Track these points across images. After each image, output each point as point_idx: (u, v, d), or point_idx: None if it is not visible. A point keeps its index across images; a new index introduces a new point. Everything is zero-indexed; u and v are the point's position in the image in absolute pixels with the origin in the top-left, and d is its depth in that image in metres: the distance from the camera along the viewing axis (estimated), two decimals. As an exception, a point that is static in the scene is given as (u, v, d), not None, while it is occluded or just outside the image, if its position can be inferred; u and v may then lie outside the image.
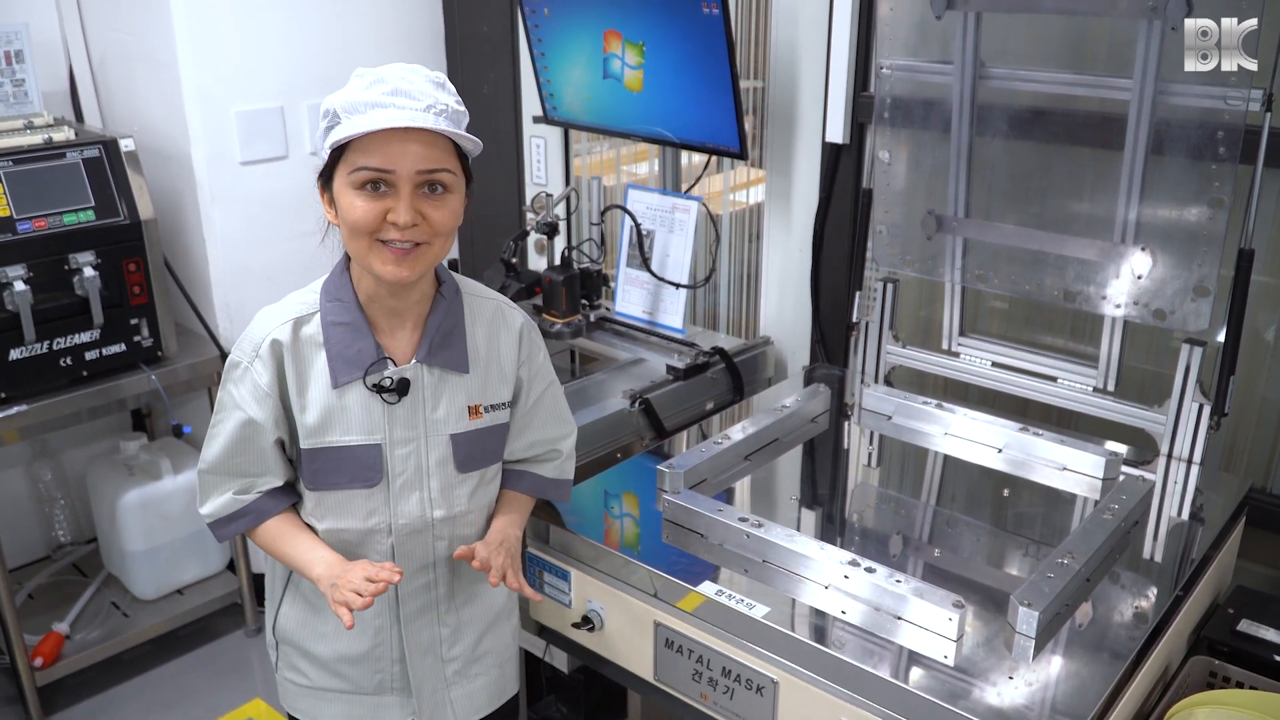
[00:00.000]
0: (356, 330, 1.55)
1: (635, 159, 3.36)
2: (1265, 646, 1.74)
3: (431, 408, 1.58)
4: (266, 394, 1.53)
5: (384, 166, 1.42)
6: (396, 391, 1.55)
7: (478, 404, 1.62)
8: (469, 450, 1.62)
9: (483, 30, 3.33)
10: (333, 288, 1.57)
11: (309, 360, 1.55)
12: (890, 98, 2.24)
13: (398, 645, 1.66)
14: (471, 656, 1.73)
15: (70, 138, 2.68)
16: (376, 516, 1.59)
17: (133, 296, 2.73)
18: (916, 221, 2.26)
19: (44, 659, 2.80)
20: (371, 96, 1.42)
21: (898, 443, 2.22)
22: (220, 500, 1.59)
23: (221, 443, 1.57)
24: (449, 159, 1.47)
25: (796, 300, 2.77)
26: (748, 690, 1.63)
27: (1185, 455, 2.02)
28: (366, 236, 1.45)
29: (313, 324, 1.55)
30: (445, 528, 1.63)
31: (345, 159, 1.44)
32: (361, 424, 1.55)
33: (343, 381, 1.54)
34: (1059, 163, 2.13)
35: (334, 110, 1.44)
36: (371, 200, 1.43)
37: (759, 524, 1.73)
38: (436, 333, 1.58)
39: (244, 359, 1.55)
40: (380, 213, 1.43)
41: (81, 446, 3.34)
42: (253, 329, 1.56)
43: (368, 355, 1.54)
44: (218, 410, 1.59)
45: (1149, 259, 1.97)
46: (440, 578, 1.66)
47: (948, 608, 1.51)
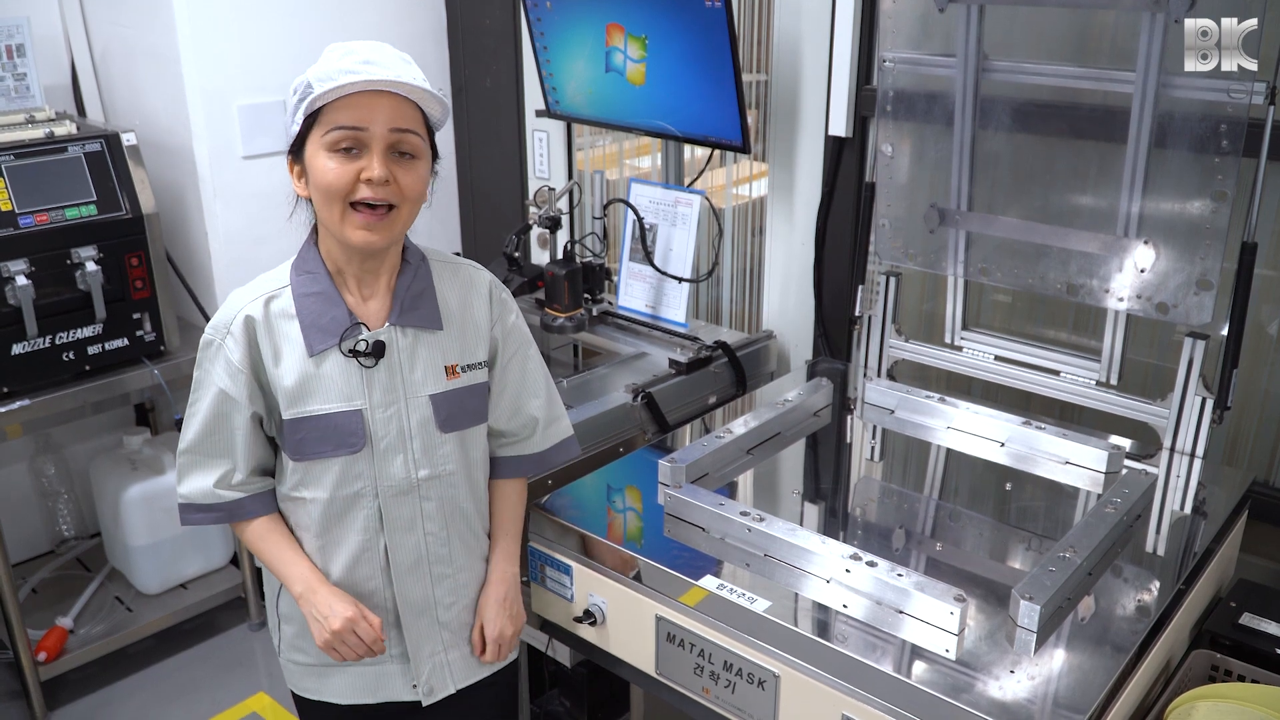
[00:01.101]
0: (328, 299, 1.59)
1: (638, 153, 3.35)
2: (1267, 640, 1.74)
3: (409, 369, 1.62)
4: (239, 370, 1.57)
5: (358, 124, 1.47)
6: (373, 355, 1.58)
7: (454, 364, 1.66)
8: (449, 410, 1.66)
9: (485, 24, 3.32)
10: (302, 263, 1.62)
11: (283, 333, 1.58)
12: (893, 91, 2.24)
13: (392, 609, 1.68)
14: (467, 619, 1.75)
15: (72, 132, 2.68)
16: (362, 480, 1.62)
17: (135, 291, 2.73)
18: (919, 215, 2.26)
19: (48, 654, 2.81)
20: (345, 64, 1.47)
21: (900, 437, 2.22)
22: (198, 485, 1.63)
23: (199, 422, 1.61)
24: (418, 123, 1.53)
25: (799, 294, 2.77)
26: (749, 684, 1.63)
27: (1188, 449, 2.01)
28: (340, 201, 1.50)
29: (284, 298, 1.59)
30: (431, 488, 1.66)
31: (318, 123, 1.49)
32: (341, 390, 1.58)
33: (318, 349, 1.57)
34: (1062, 156, 2.12)
35: (307, 81, 1.49)
36: (345, 162, 1.48)
37: (760, 518, 1.73)
38: (407, 295, 1.63)
39: (216, 337, 1.59)
40: (354, 173, 1.48)
41: (85, 441, 3.34)
42: (223, 309, 1.61)
43: (341, 322, 1.59)
44: (193, 391, 1.63)
45: (1152, 252, 1.96)
46: (431, 538, 1.68)
47: (949, 601, 1.51)
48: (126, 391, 2.79)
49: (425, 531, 1.67)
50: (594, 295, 2.83)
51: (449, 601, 1.73)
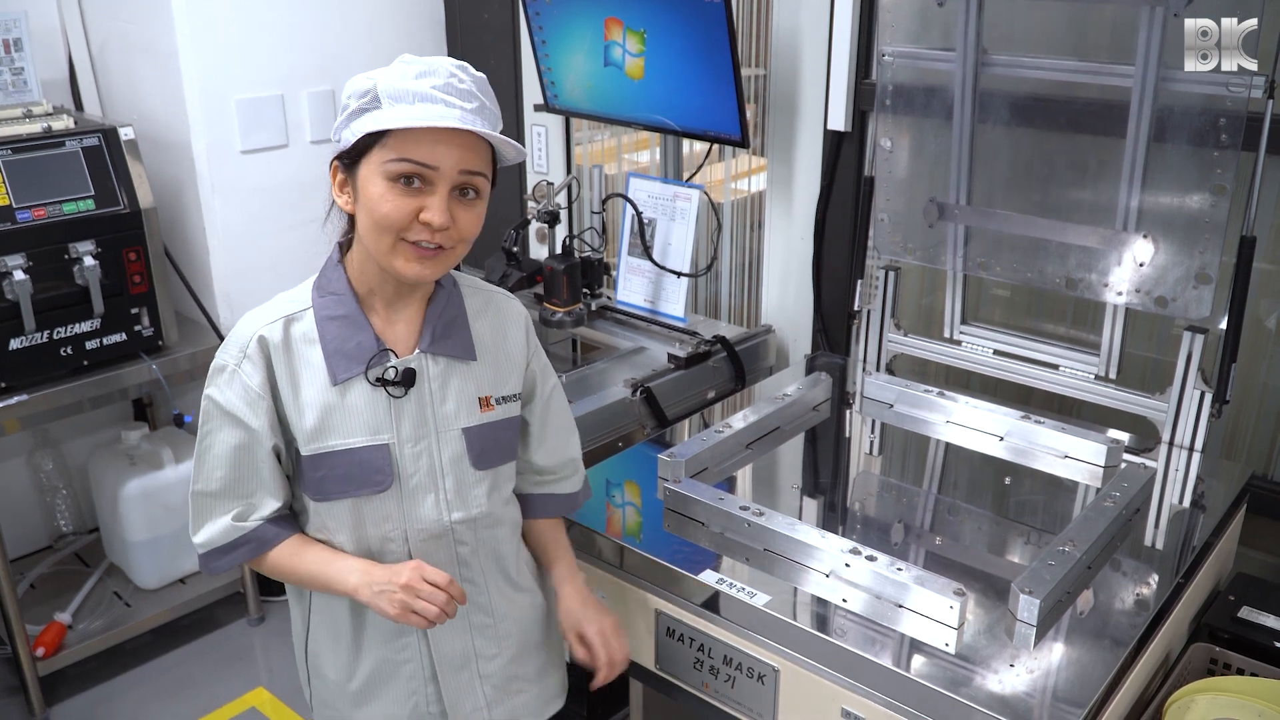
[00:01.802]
0: (354, 323, 1.46)
1: (636, 147, 3.35)
2: (1266, 633, 1.74)
3: (440, 401, 1.50)
4: (259, 395, 1.43)
5: (428, 162, 1.35)
6: (402, 384, 1.46)
7: (488, 395, 1.54)
8: (483, 445, 1.53)
9: (483, 18, 3.32)
10: (325, 282, 1.49)
11: (303, 358, 1.45)
12: (892, 85, 2.23)
13: (428, 664, 1.55)
14: (511, 671, 1.62)
15: (69, 126, 2.67)
16: (390, 523, 1.49)
17: (133, 286, 2.72)
18: (918, 209, 2.26)
19: (46, 649, 2.81)
20: (421, 88, 1.35)
21: (899, 431, 2.22)
22: (216, 527, 1.47)
23: (213, 457, 1.46)
24: (486, 164, 1.41)
25: (798, 289, 2.77)
26: (749, 679, 1.63)
27: (1186, 443, 2.02)
28: (393, 233, 1.37)
29: (305, 320, 1.46)
30: (466, 531, 1.53)
31: (382, 146, 1.36)
32: (366, 423, 1.45)
33: (342, 378, 1.44)
34: (1061, 150, 2.12)
35: (375, 93, 1.36)
36: (404, 195, 1.36)
37: (760, 512, 1.73)
38: (438, 321, 1.51)
39: (230, 361, 1.44)
40: (412, 210, 1.36)
41: (83, 436, 3.34)
42: (238, 331, 1.46)
43: (368, 348, 1.46)
44: (203, 423, 1.46)
45: (1151, 246, 1.96)
46: (469, 585, 1.55)
47: (949, 595, 1.51)
48: (125, 386, 2.78)
49: (461, 578, 1.53)
50: (593, 290, 2.83)
51: (491, 653, 1.59)
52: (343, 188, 1.43)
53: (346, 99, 1.39)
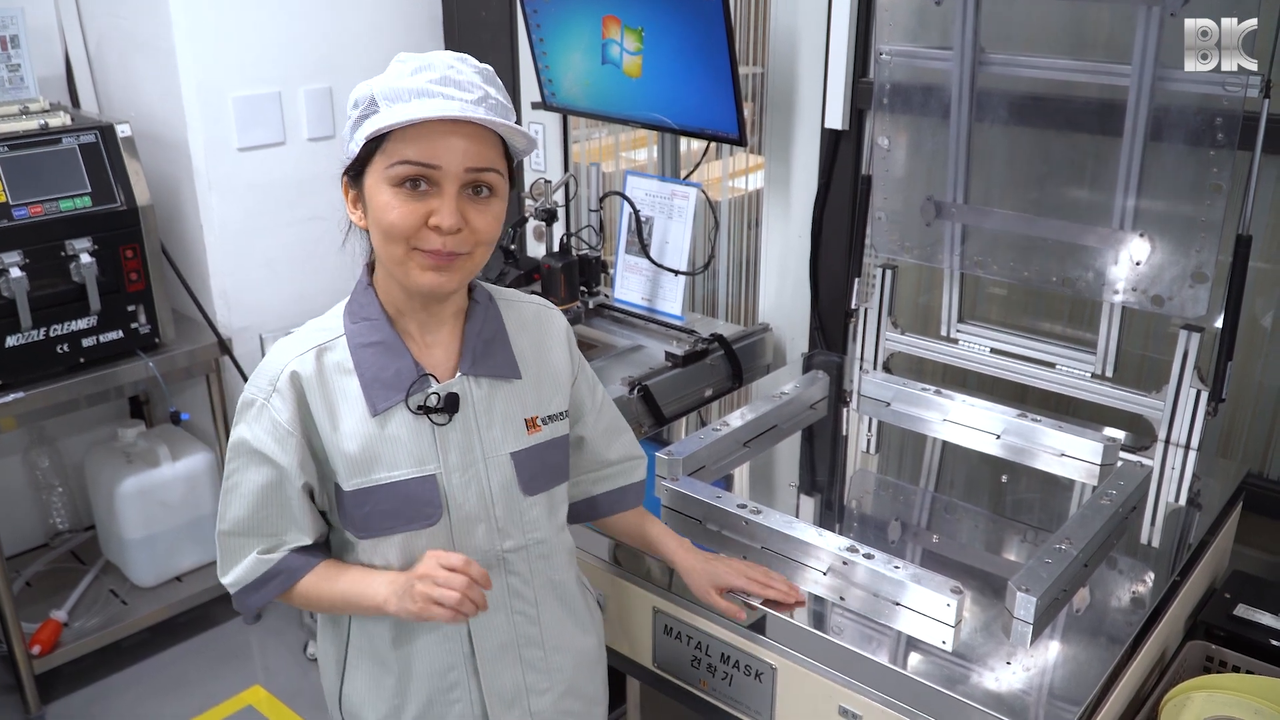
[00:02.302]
0: (391, 349, 1.38)
1: (634, 145, 3.35)
2: (1262, 631, 1.75)
3: (486, 425, 1.42)
4: (288, 433, 1.35)
5: (429, 161, 1.27)
6: (445, 410, 1.38)
7: (534, 416, 1.46)
8: (532, 469, 1.46)
9: (481, 15, 3.32)
10: (357, 308, 1.41)
11: (339, 391, 1.37)
12: (889, 84, 2.24)
13: (478, 701, 1.47)
14: (562, 707, 1.55)
15: (66, 123, 2.67)
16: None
17: (130, 283, 2.72)
18: (915, 208, 2.26)
19: (42, 646, 2.80)
20: (417, 84, 1.28)
21: (896, 429, 2.23)
22: (244, 564, 1.41)
23: (241, 496, 1.39)
24: (498, 158, 1.33)
25: (795, 287, 2.77)
26: (746, 676, 1.63)
27: (1183, 441, 2.02)
28: (403, 242, 1.30)
29: (338, 349, 1.38)
30: (519, 560, 1.46)
31: (383, 151, 1.29)
32: (411, 454, 1.37)
33: (382, 408, 1.36)
34: (1058, 149, 2.13)
35: (371, 97, 1.30)
36: (410, 200, 1.29)
37: (757, 510, 1.74)
38: (478, 340, 1.43)
39: (259, 396, 1.36)
40: (420, 215, 1.29)
41: (79, 434, 3.34)
42: (267, 363, 1.38)
43: (407, 375, 1.37)
44: (231, 459, 1.40)
45: (1147, 245, 1.97)
46: (521, 617, 1.48)
47: (946, 593, 1.51)
48: (121, 384, 2.78)
49: (513, 610, 1.47)
50: (590, 288, 2.83)
51: (543, 688, 1.51)
52: (355, 203, 1.37)
53: (350, 109, 1.34)
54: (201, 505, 3.10)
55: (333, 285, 3.09)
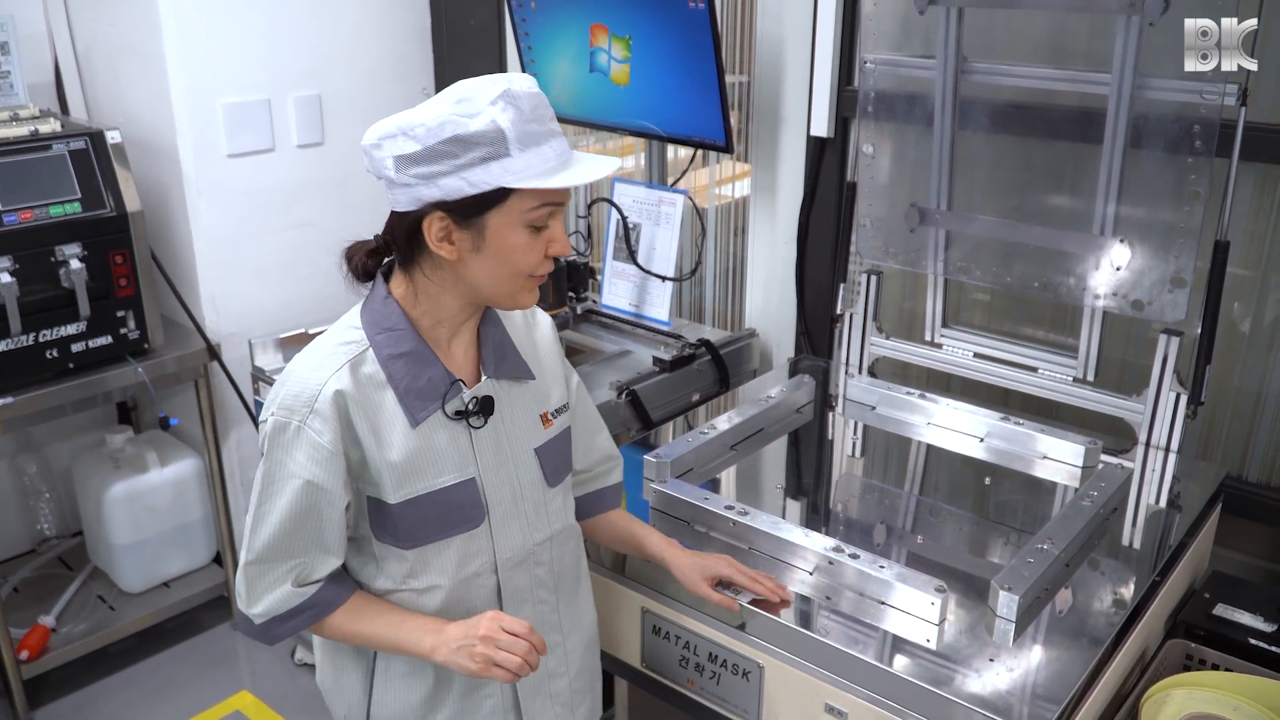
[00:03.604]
0: (421, 358, 1.39)
1: (622, 153, 3.37)
2: (1240, 630, 1.77)
3: (511, 424, 1.47)
4: (332, 454, 1.34)
5: (563, 200, 1.35)
6: (482, 413, 1.42)
7: (545, 410, 1.53)
8: (553, 462, 1.53)
9: (469, 23, 3.33)
10: (379, 318, 1.39)
11: (376, 405, 1.37)
12: (874, 92, 2.26)
13: (511, 692, 1.52)
14: (575, 687, 1.63)
15: (56, 130, 2.67)
16: (481, 558, 1.46)
17: (119, 289, 2.72)
18: (900, 214, 2.29)
19: (30, 652, 2.80)
20: (540, 128, 1.31)
21: (881, 433, 2.25)
22: (275, 595, 1.39)
23: (275, 524, 1.36)
24: None
25: (782, 293, 2.80)
26: (734, 675, 1.65)
27: (1163, 444, 2.05)
28: (527, 275, 1.36)
29: (368, 362, 1.38)
30: (545, 551, 1.53)
31: (520, 194, 1.30)
32: (452, 460, 1.41)
33: (421, 418, 1.38)
34: (1039, 156, 2.16)
35: (504, 134, 1.27)
36: (535, 237, 1.34)
37: (745, 511, 1.76)
38: (494, 344, 1.48)
39: (293, 419, 1.34)
40: (543, 248, 1.35)
41: (67, 439, 3.33)
42: (296, 383, 1.35)
43: (440, 383, 1.40)
44: (264, 487, 1.37)
45: (1127, 251, 2.00)
46: (545, 605, 1.55)
47: (930, 592, 1.54)
48: (110, 389, 2.78)
49: (539, 600, 1.54)
50: (578, 293, 2.85)
51: (560, 672, 1.59)
52: (450, 238, 1.33)
53: (429, 142, 1.28)
54: (189, 511, 3.10)
55: (321, 291, 3.09)
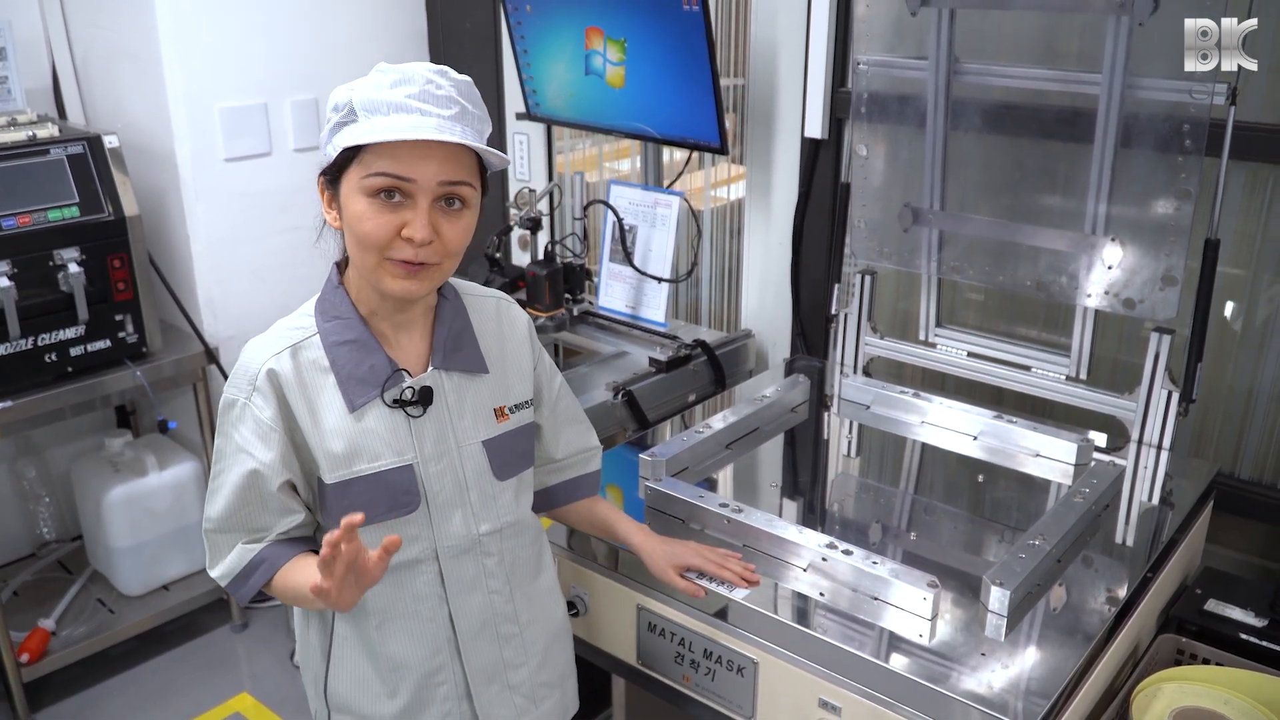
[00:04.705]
0: (364, 346, 1.43)
1: (617, 155, 3.39)
2: (1232, 625, 1.79)
3: (458, 416, 1.48)
4: (271, 429, 1.39)
5: (404, 174, 1.31)
6: (420, 403, 1.44)
7: (502, 405, 1.53)
8: (503, 456, 1.53)
9: (465, 26, 3.35)
10: (328, 306, 1.45)
11: (316, 388, 1.41)
12: (867, 93, 2.28)
13: (462, 680, 1.53)
14: (538, 679, 1.62)
15: (54, 134, 2.69)
16: (420, 544, 1.47)
17: (117, 293, 2.74)
18: (893, 215, 2.30)
19: (30, 655, 2.81)
20: (395, 98, 1.31)
21: (876, 431, 2.26)
22: (230, 556, 1.44)
23: (225, 495, 1.42)
24: (471, 173, 1.37)
25: (777, 293, 2.81)
26: (729, 671, 1.66)
27: (1155, 441, 2.06)
28: (377, 251, 1.35)
29: (312, 348, 1.42)
30: (492, 543, 1.52)
31: (360, 161, 1.33)
32: (389, 445, 1.43)
33: (359, 404, 1.41)
34: (1031, 156, 2.17)
35: (351, 105, 1.33)
36: (384, 211, 1.33)
37: (739, 509, 1.77)
38: (447, 336, 1.49)
39: (239, 395, 1.40)
40: (394, 226, 1.33)
41: (66, 443, 3.34)
42: (244, 363, 1.42)
43: (381, 370, 1.43)
44: (217, 460, 1.44)
45: (1119, 249, 2.01)
46: (497, 595, 1.54)
47: (922, 588, 1.55)
48: (108, 393, 2.79)
49: (489, 590, 1.53)
50: (574, 295, 2.86)
51: (518, 662, 1.58)
52: (330, 204, 1.41)
53: (329, 112, 1.38)
54: (188, 514, 3.11)
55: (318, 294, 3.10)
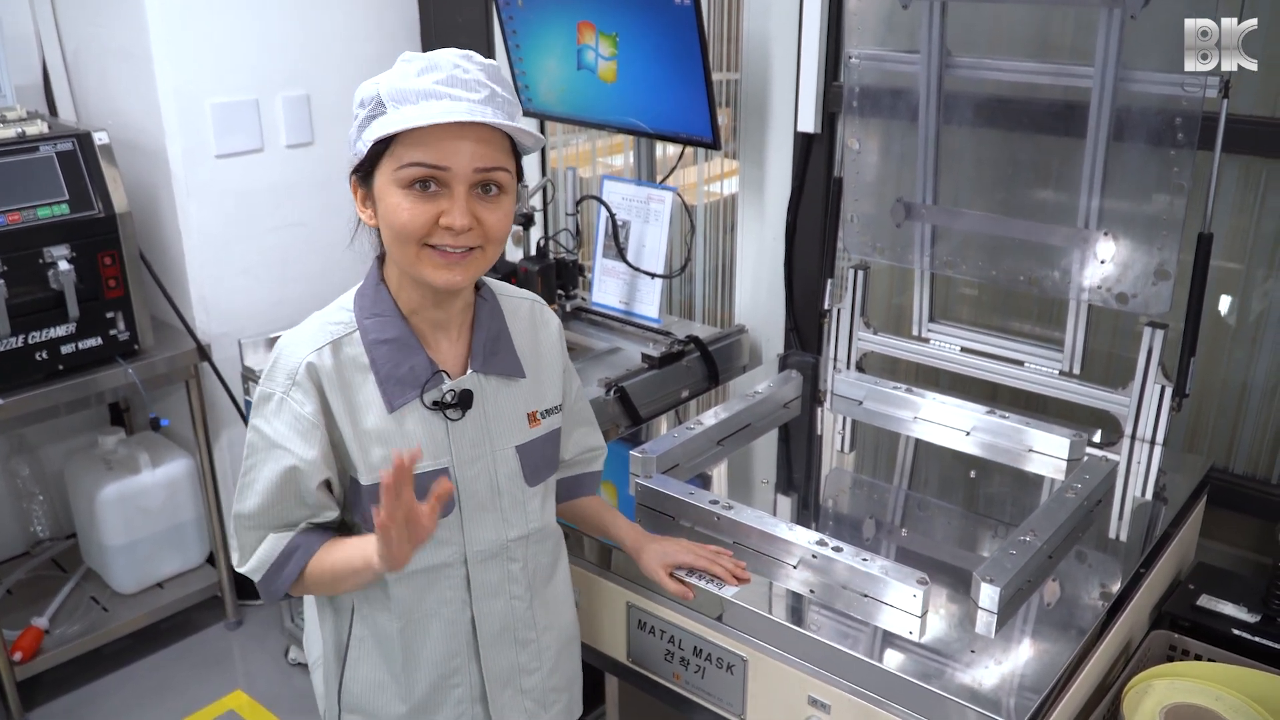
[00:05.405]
0: (405, 346, 1.41)
1: (610, 151, 3.38)
2: (1224, 621, 1.78)
3: (494, 420, 1.47)
4: (312, 425, 1.36)
5: (438, 163, 1.29)
6: (460, 406, 1.43)
7: (534, 410, 1.52)
8: (535, 461, 1.52)
9: (457, 21, 3.34)
10: (368, 302, 1.42)
11: (356, 386, 1.39)
12: (859, 87, 2.27)
13: (478, 683, 1.53)
14: (549, 684, 1.62)
15: (44, 131, 2.67)
16: (449, 548, 1.45)
17: (108, 290, 2.73)
18: (886, 209, 2.29)
19: (23, 654, 2.80)
20: (423, 85, 1.29)
21: (869, 427, 2.25)
22: (263, 548, 1.42)
23: (260, 491, 1.39)
24: (506, 157, 1.35)
25: (770, 289, 2.80)
26: (719, 669, 1.65)
27: (1148, 436, 2.05)
28: (415, 242, 1.32)
29: (353, 344, 1.40)
30: (519, 549, 1.52)
31: (391, 154, 1.31)
32: (427, 448, 1.41)
33: (398, 405, 1.40)
34: (1024, 150, 2.16)
35: (378, 98, 1.31)
36: (421, 201, 1.31)
37: (729, 506, 1.76)
38: (486, 338, 1.47)
39: (276, 389, 1.37)
40: (431, 215, 1.31)
41: (59, 441, 3.33)
42: (282, 357, 1.39)
43: (421, 371, 1.41)
44: (249, 455, 1.41)
45: (1112, 244, 2.00)
46: (518, 601, 1.54)
47: (912, 585, 1.54)
48: (101, 391, 2.78)
49: (512, 595, 1.53)
50: (568, 291, 2.85)
51: (532, 668, 1.58)
52: (364, 203, 1.38)
53: (356, 108, 1.35)
54: (182, 511, 3.10)
55: (311, 291, 3.10)
